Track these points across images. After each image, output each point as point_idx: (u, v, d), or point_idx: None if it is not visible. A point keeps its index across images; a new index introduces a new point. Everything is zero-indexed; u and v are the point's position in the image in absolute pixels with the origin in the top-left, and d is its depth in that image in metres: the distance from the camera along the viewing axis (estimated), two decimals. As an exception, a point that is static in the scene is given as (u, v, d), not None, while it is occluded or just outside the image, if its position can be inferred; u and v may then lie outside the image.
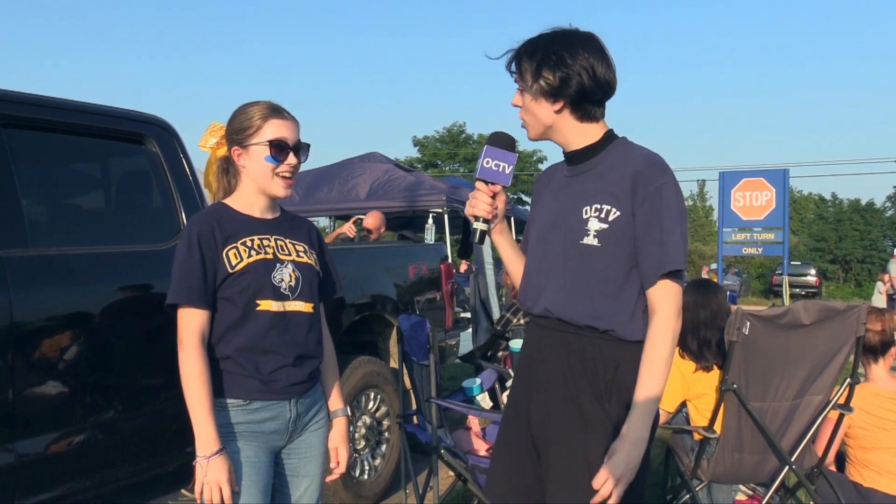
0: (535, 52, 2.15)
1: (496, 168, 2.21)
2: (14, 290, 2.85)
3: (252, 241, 2.35)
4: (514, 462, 2.30)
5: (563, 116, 2.17)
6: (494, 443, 2.43)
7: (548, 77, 2.12)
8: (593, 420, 2.11)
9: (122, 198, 3.82)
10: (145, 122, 3.65)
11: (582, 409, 2.13)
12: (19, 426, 2.85)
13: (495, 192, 2.26)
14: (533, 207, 2.41)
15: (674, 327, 2.09)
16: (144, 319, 3.37)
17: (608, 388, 2.12)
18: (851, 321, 3.58)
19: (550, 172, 2.40)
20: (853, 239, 48.57)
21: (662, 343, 2.07)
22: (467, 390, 4.95)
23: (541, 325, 2.25)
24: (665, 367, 2.07)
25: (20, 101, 3.16)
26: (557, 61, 2.10)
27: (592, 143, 2.19)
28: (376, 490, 4.83)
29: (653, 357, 2.07)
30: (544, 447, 2.20)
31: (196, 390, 2.19)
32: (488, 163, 2.21)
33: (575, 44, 2.13)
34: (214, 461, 2.16)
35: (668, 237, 2.07)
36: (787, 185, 13.22)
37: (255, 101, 2.42)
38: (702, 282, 4.16)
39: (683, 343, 3.87)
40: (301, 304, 2.40)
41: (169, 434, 3.43)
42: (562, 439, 2.14)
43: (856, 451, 3.98)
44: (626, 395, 2.09)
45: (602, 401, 2.12)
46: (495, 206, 2.27)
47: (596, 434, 2.09)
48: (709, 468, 3.72)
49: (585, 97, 2.14)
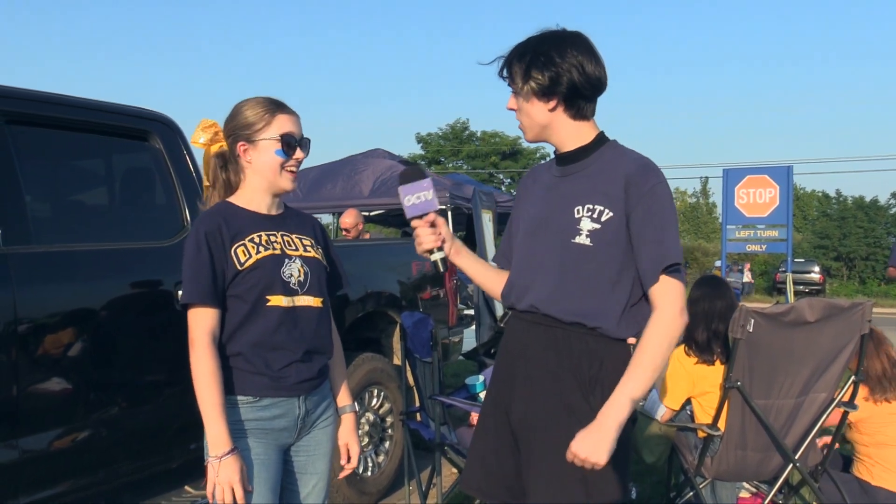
0: (524, 55, 2.19)
1: (418, 201, 2.25)
2: (18, 287, 2.85)
3: (259, 237, 2.34)
4: (493, 454, 2.31)
5: (558, 115, 2.20)
6: (472, 435, 2.44)
7: (538, 77, 2.15)
8: (577, 412, 2.13)
9: (125, 194, 3.82)
10: (149, 119, 3.65)
11: (566, 402, 2.15)
12: (23, 423, 2.86)
13: (431, 221, 2.28)
14: (518, 205, 2.42)
15: (676, 323, 2.08)
16: (148, 316, 3.37)
17: (592, 381, 2.14)
18: (856, 318, 3.57)
19: (536, 172, 2.43)
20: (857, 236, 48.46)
21: (659, 337, 2.06)
22: (470, 387, 4.96)
23: (525, 319, 2.26)
24: (656, 362, 2.04)
25: (24, 97, 3.16)
26: (546, 61, 2.14)
27: (584, 144, 2.23)
28: (379, 487, 4.83)
29: (645, 350, 2.05)
30: (525, 439, 2.21)
31: (208, 390, 2.18)
32: (409, 200, 2.25)
33: (563, 43, 2.16)
34: (226, 461, 2.16)
35: (665, 234, 2.10)
36: (790, 182, 13.18)
37: (256, 97, 2.42)
38: (712, 277, 4.17)
39: (691, 335, 3.86)
40: (310, 299, 2.40)
41: (172, 431, 3.43)
42: (545, 431, 2.16)
43: (868, 447, 3.97)
44: (611, 390, 2.08)
45: (586, 394, 2.14)
46: (438, 232, 2.29)
47: (579, 426, 2.08)
48: (712, 466, 3.71)
49: (577, 94, 2.17)
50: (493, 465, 2.31)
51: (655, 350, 2.05)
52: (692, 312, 3.84)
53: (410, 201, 2.25)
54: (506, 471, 2.28)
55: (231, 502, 2.15)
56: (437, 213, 2.29)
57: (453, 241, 2.36)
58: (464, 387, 5.12)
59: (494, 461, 2.31)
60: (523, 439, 2.22)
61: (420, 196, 2.25)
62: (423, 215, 2.27)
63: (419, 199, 2.25)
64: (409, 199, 2.25)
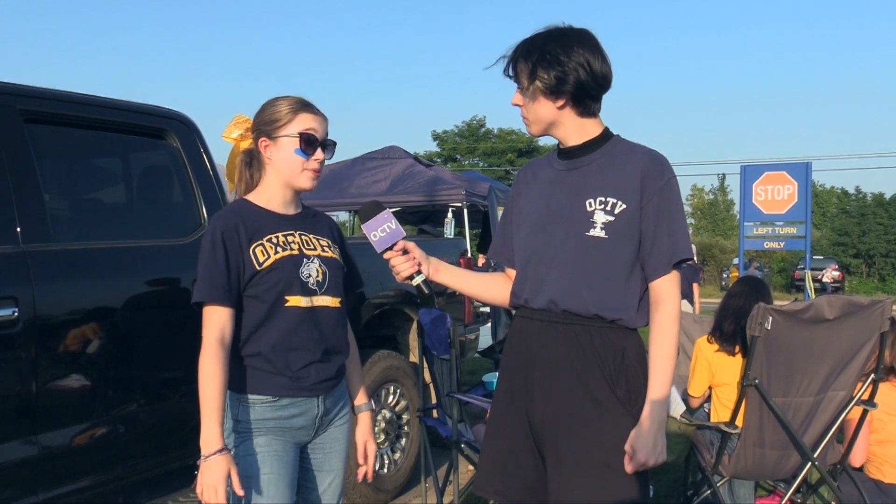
0: (530, 53, 2.19)
1: (384, 234, 2.29)
2: (36, 284, 2.87)
3: (277, 237, 2.34)
4: (511, 455, 2.30)
5: (566, 112, 2.21)
6: (485, 437, 2.43)
7: (544, 77, 2.15)
8: (606, 405, 2.15)
9: (142, 192, 3.84)
10: (166, 118, 3.67)
11: (594, 396, 2.15)
12: (41, 419, 2.88)
13: (401, 248, 2.31)
14: (518, 199, 2.40)
15: (679, 314, 2.19)
16: (165, 313, 3.39)
17: (617, 373, 2.16)
18: (875, 316, 3.54)
19: (534, 165, 2.43)
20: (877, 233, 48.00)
21: (672, 330, 2.16)
22: (488, 384, 4.96)
23: (539, 319, 2.25)
24: (674, 352, 2.17)
25: (42, 96, 3.18)
26: (553, 60, 2.14)
27: (591, 138, 2.24)
28: (396, 484, 4.84)
29: (663, 344, 2.15)
30: (551, 439, 2.20)
31: (209, 389, 2.18)
32: (375, 235, 2.28)
33: (569, 41, 2.16)
34: (213, 461, 2.13)
35: (678, 228, 2.16)
36: (809, 179, 13.09)
37: (285, 95, 2.43)
38: (756, 279, 4.24)
39: (719, 325, 3.93)
40: (329, 299, 2.41)
41: (189, 427, 3.44)
42: (574, 428, 2.16)
43: (873, 446, 3.93)
44: (633, 379, 2.17)
45: (613, 386, 2.16)
46: (412, 257, 2.31)
47: (609, 418, 2.14)
48: (730, 464, 3.70)
49: (584, 92, 2.18)
50: (512, 466, 2.29)
51: (673, 342, 2.17)
52: (726, 305, 3.96)
53: (377, 236, 2.28)
54: (525, 471, 2.27)
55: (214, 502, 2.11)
56: (405, 238, 2.32)
57: (429, 262, 2.37)
58: (480, 384, 5.12)
59: (513, 462, 2.29)
60: (549, 439, 2.20)
61: (384, 228, 2.29)
62: (393, 245, 2.29)
63: (384, 231, 2.29)
64: (374, 234, 2.28)
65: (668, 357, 2.15)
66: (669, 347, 2.15)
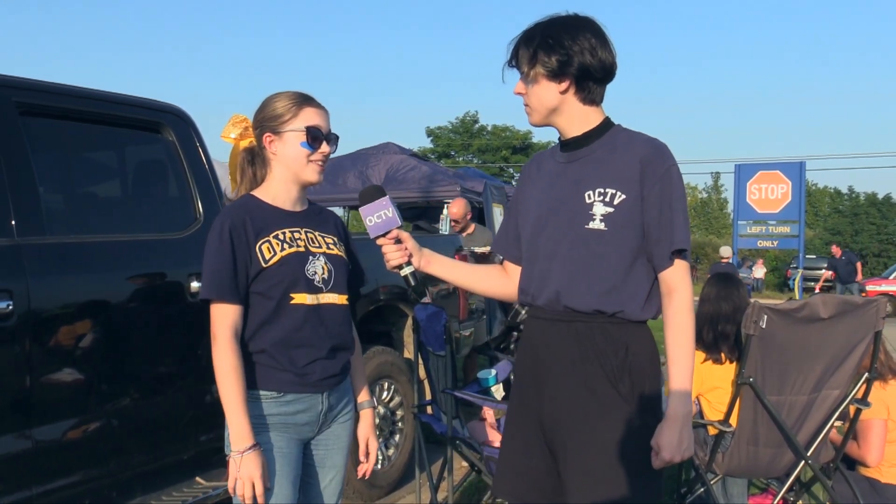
0: (531, 38, 2.17)
1: (380, 220, 2.27)
2: (31, 278, 2.86)
3: (284, 234, 2.34)
4: (523, 455, 2.29)
5: (568, 98, 2.18)
6: (501, 440, 2.43)
7: (546, 60, 2.13)
8: (607, 402, 2.13)
9: (138, 186, 3.83)
10: (162, 111, 3.65)
11: (595, 393, 2.14)
12: (36, 413, 2.87)
13: (395, 237, 2.30)
14: (522, 195, 2.39)
15: (692, 303, 2.17)
16: (160, 307, 3.38)
17: (620, 369, 2.14)
18: (870, 315, 3.55)
19: (540, 158, 2.41)
20: (869, 233, 48.11)
21: (688, 320, 2.13)
22: (483, 381, 4.95)
23: (543, 318, 2.25)
24: (692, 342, 2.14)
25: (38, 89, 3.17)
26: (555, 44, 2.12)
27: (590, 128, 2.21)
28: (390, 480, 4.85)
29: (679, 336, 2.13)
30: (560, 438, 2.19)
31: (230, 386, 2.19)
32: (371, 220, 2.27)
33: (574, 27, 2.15)
34: (248, 456, 2.16)
35: (678, 217, 2.13)
36: (803, 178, 13.16)
37: (285, 91, 2.42)
38: (725, 274, 4.14)
39: (698, 334, 3.84)
40: (335, 297, 2.40)
41: (184, 422, 3.44)
42: (576, 425, 2.15)
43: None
44: (638, 375, 2.14)
45: (614, 382, 2.14)
46: (404, 247, 2.30)
47: (611, 416, 2.12)
48: (724, 462, 3.70)
49: (588, 75, 2.15)
50: (523, 466, 2.29)
51: (689, 332, 2.14)
52: (698, 312, 3.87)
53: (372, 221, 2.27)
54: (535, 470, 2.27)
55: (251, 497, 2.16)
56: (400, 227, 2.31)
57: (422, 253, 2.36)
58: (476, 381, 5.11)
59: (524, 461, 2.29)
60: (557, 438, 2.20)
61: (381, 214, 2.27)
62: (387, 233, 2.28)
63: (380, 217, 2.27)
64: (370, 218, 2.27)
65: (685, 348, 2.12)
66: (686, 338, 2.12)
